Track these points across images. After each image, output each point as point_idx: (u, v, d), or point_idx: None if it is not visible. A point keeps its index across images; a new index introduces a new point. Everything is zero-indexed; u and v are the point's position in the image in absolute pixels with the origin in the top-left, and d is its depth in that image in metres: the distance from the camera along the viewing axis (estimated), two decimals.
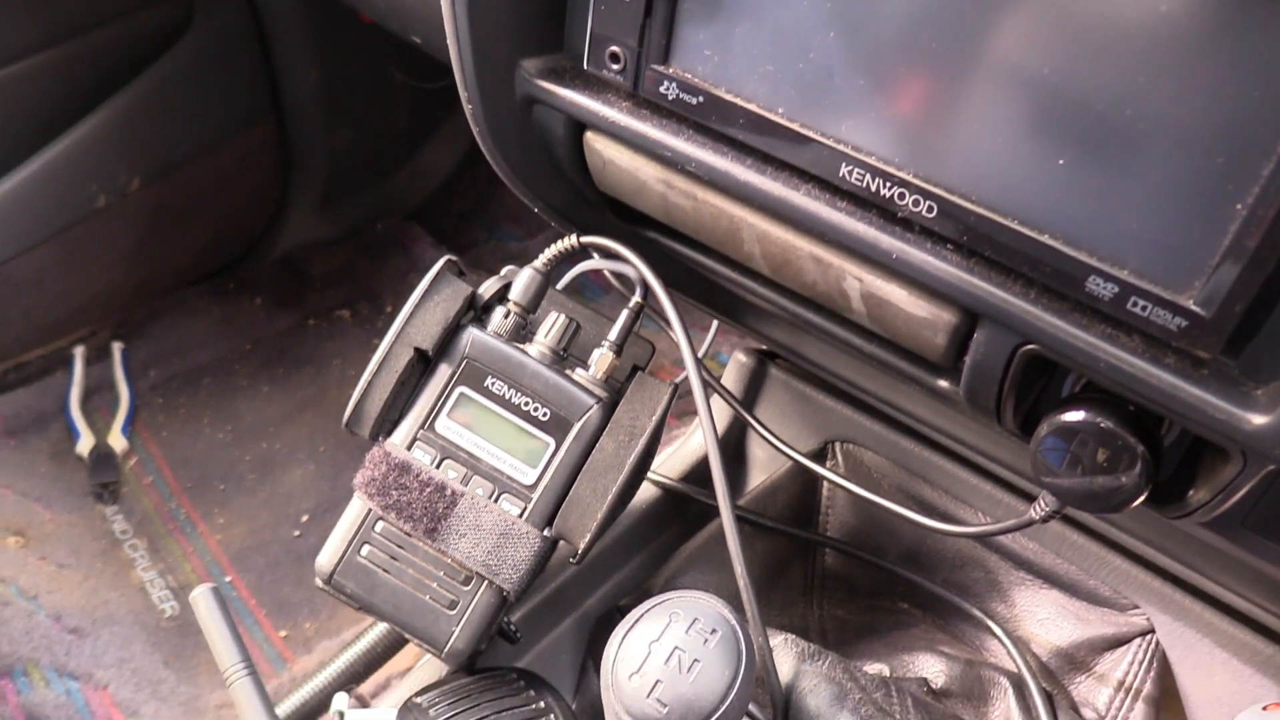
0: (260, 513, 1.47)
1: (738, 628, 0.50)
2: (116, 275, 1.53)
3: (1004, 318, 0.48)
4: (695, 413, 0.65)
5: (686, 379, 0.65)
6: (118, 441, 1.50)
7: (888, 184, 0.48)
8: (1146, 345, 0.45)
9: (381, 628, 0.85)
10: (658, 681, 0.49)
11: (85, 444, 1.47)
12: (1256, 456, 0.44)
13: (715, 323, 0.88)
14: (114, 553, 1.40)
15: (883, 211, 0.49)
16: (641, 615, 0.51)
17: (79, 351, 1.56)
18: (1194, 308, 0.42)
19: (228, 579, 1.38)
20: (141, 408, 1.56)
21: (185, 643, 1.30)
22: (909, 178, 0.47)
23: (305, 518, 1.46)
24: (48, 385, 1.55)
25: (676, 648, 0.49)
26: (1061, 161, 0.43)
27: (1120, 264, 0.44)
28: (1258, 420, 0.43)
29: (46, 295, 1.47)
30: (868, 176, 0.48)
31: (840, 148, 0.49)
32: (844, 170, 0.49)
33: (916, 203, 0.47)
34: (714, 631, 0.50)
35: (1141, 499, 0.49)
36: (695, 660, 0.49)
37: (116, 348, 1.59)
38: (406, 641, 0.88)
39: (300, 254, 1.71)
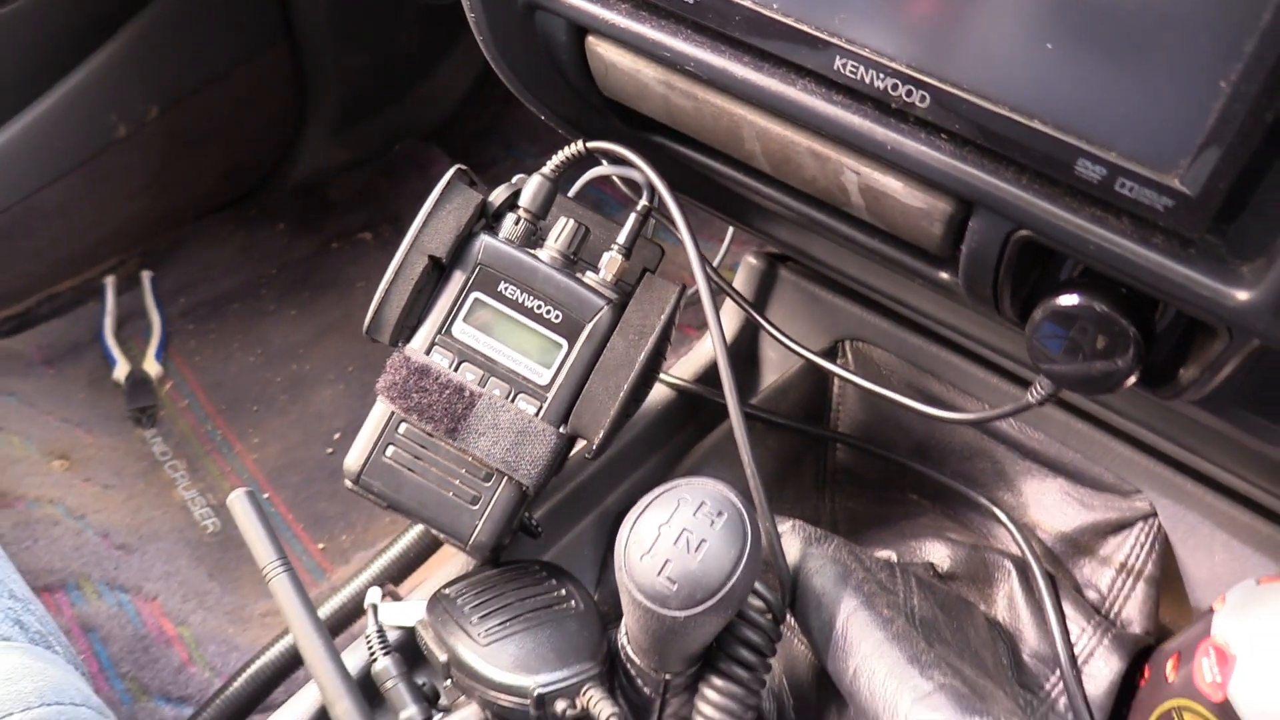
0: (293, 432, 1.51)
1: (743, 509, 0.53)
2: (140, 204, 1.55)
3: (997, 204, 0.49)
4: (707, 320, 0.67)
5: (696, 285, 0.67)
6: (152, 367, 1.54)
7: (881, 76, 0.49)
8: (1135, 226, 0.46)
9: (414, 532, 0.88)
10: (667, 561, 0.52)
11: (121, 370, 1.51)
12: (1241, 332, 0.46)
13: (730, 231, 0.89)
14: (155, 473, 1.45)
15: (877, 104, 0.50)
16: (652, 501, 0.54)
17: (109, 281, 1.59)
18: (1180, 187, 0.43)
19: (265, 496, 1.43)
20: (173, 334, 1.60)
21: (228, 556, 1.36)
22: (902, 69, 0.48)
23: (337, 435, 1.50)
24: (80, 315, 1.58)
25: (684, 529, 0.52)
26: (1050, 46, 0.44)
27: (1108, 147, 0.44)
28: (1242, 296, 0.44)
29: (74, 226, 1.50)
30: (862, 69, 0.49)
31: (834, 41, 0.50)
32: (838, 64, 0.50)
33: (910, 94, 0.48)
34: (720, 514, 0.53)
35: (1133, 379, 0.51)
36: (702, 540, 0.52)
37: (146, 276, 1.62)
38: (439, 545, 0.92)
39: (319, 178, 1.73)
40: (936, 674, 0.52)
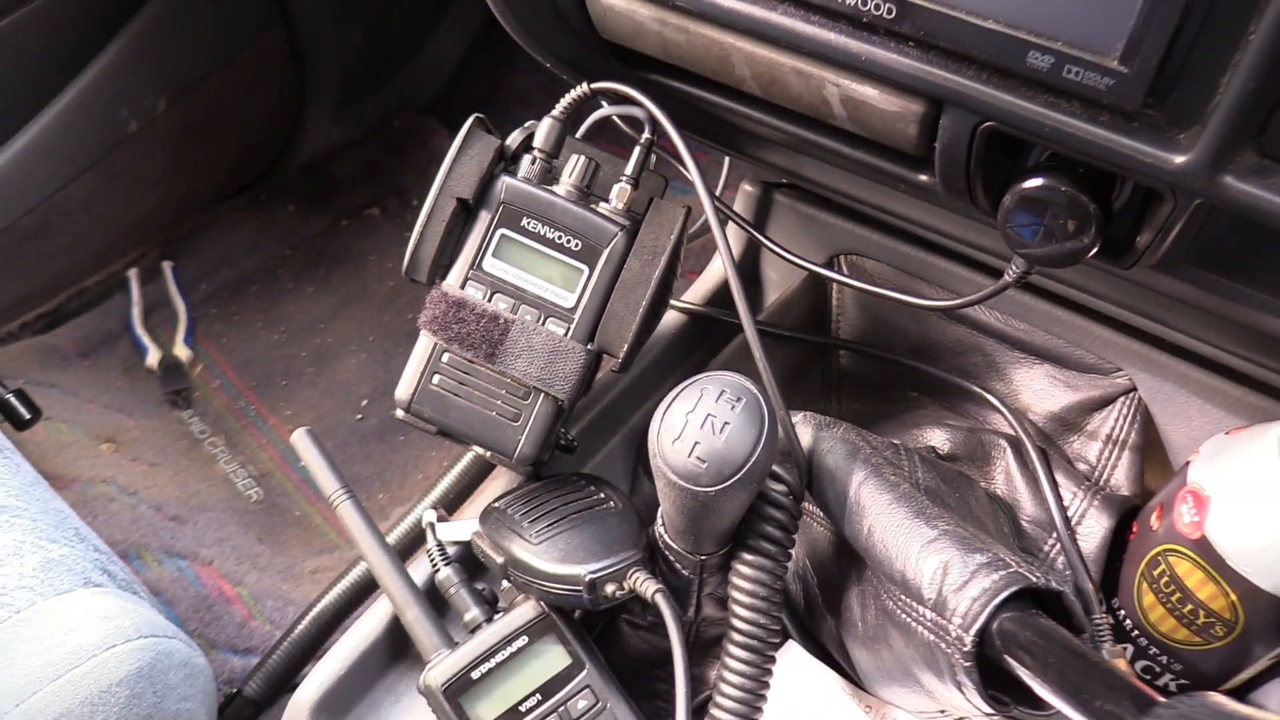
0: (323, 402, 1.58)
1: (759, 394, 0.60)
2: (157, 195, 1.61)
3: (962, 100, 0.55)
4: (711, 249, 0.73)
5: (700, 210, 0.73)
6: (182, 352, 1.60)
7: None
8: (1083, 107, 0.52)
9: (459, 467, 0.95)
10: (696, 443, 0.58)
11: (153, 357, 1.58)
12: (1184, 192, 0.52)
13: (726, 164, 0.96)
14: (196, 450, 1.52)
15: (850, 19, 0.56)
16: (679, 393, 0.60)
17: (133, 273, 1.65)
18: (1118, 67, 0.49)
19: (302, 464, 1.50)
20: (199, 319, 1.66)
21: (273, 521, 1.43)
22: None
23: (365, 402, 1.56)
24: (109, 308, 1.65)
25: (709, 414, 0.58)
26: None
27: (1054, 38, 0.51)
28: (1180, 159, 0.50)
29: (96, 221, 1.56)
30: None
31: None
32: None
33: (877, 7, 0.54)
34: (739, 399, 0.59)
35: (1095, 250, 0.58)
36: (726, 423, 0.58)
37: (167, 266, 1.68)
38: (483, 477, 0.99)
39: (324, 158, 1.78)
40: (940, 523, 0.59)
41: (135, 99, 1.50)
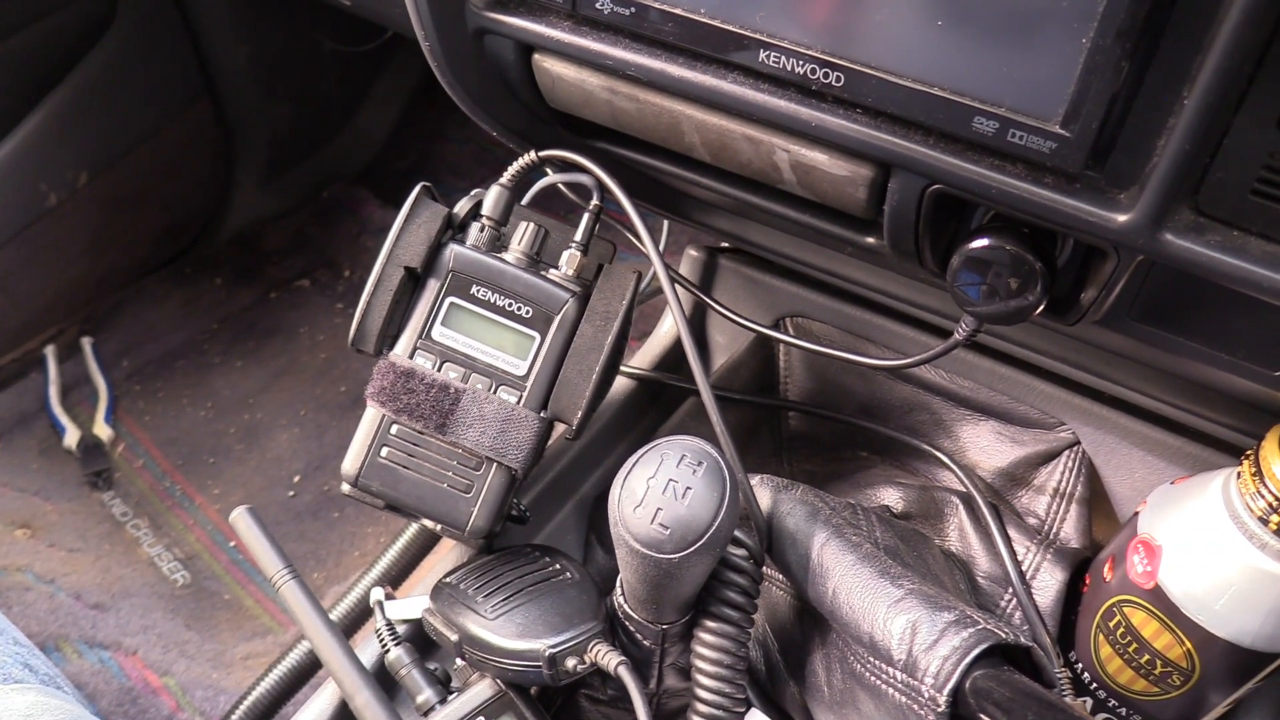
0: (253, 479, 1.53)
1: (719, 457, 0.59)
2: (78, 270, 1.57)
3: (911, 164, 0.56)
4: (656, 314, 0.73)
5: (649, 271, 0.73)
6: (103, 431, 1.54)
7: (800, 63, 0.56)
8: (1028, 169, 0.54)
9: (404, 538, 0.93)
10: (658, 509, 0.57)
11: (72, 437, 1.52)
12: (1125, 250, 0.54)
13: (666, 226, 0.96)
14: (118, 534, 1.46)
15: (799, 88, 0.58)
16: (638, 459, 0.60)
17: (50, 350, 1.60)
18: (1059, 131, 0.51)
19: (231, 544, 1.44)
20: (121, 396, 1.61)
21: (201, 606, 1.37)
22: (818, 55, 0.56)
23: (297, 478, 1.52)
24: (25, 387, 1.59)
25: (670, 479, 0.58)
26: (940, 23, 0.52)
27: (998, 104, 0.52)
28: (1121, 218, 0.52)
29: (12, 298, 1.50)
30: (783, 59, 0.57)
31: (757, 36, 0.57)
32: (763, 56, 0.57)
33: (826, 75, 0.56)
34: (700, 463, 0.59)
35: (1041, 307, 0.59)
36: (688, 488, 0.57)
37: (86, 342, 1.63)
38: (433, 545, 0.96)
39: (253, 229, 1.76)
40: (905, 582, 0.59)
41: (55, 172, 1.46)
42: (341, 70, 1.71)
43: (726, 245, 0.92)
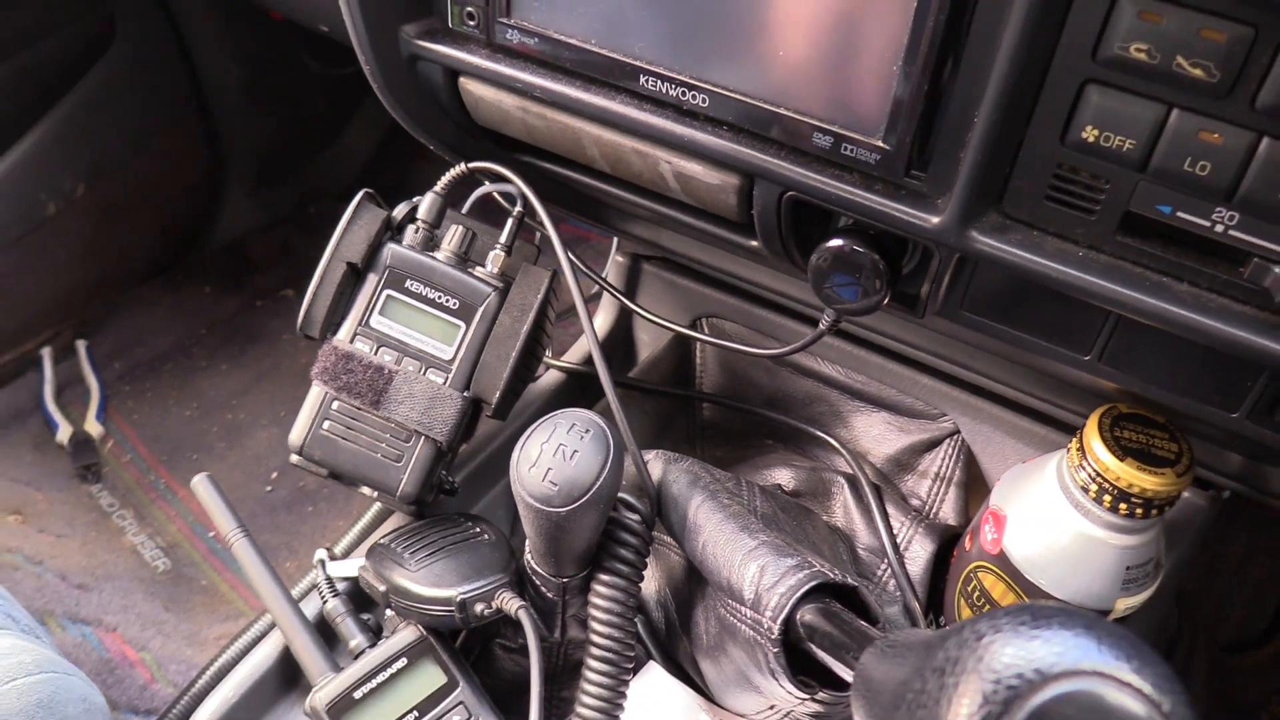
0: (233, 474, 1.62)
1: (605, 426, 0.68)
2: (73, 276, 1.66)
3: (767, 174, 0.66)
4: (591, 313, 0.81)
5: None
6: (93, 428, 1.63)
7: (673, 86, 0.66)
8: (861, 178, 0.63)
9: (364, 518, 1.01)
10: (549, 469, 0.66)
11: (64, 433, 1.60)
12: (943, 247, 0.63)
13: (615, 240, 1.06)
14: (104, 523, 1.55)
15: (674, 108, 0.67)
16: (536, 427, 0.69)
17: (46, 352, 1.69)
18: (881, 144, 0.61)
19: (210, 534, 1.53)
20: (111, 396, 1.70)
21: (179, 590, 1.46)
22: (687, 79, 0.65)
23: (275, 474, 1.61)
24: (21, 385, 1.68)
25: (561, 444, 0.67)
26: (781, 53, 0.61)
27: (832, 122, 0.62)
28: (935, 220, 0.61)
29: (11, 301, 1.60)
30: (659, 83, 0.66)
31: (638, 64, 0.66)
32: (643, 80, 0.67)
33: (694, 97, 0.65)
34: (588, 431, 0.68)
35: (886, 299, 0.68)
36: (575, 451, 0.66)
37: (81, 345, 1.72)
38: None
39: (240, 240, 1.86)
40: (761, 535, 0.67)
41: (54, 183, 1.56)
42: (327, 91, 1.81)
43: (650, 254, 1.02)
